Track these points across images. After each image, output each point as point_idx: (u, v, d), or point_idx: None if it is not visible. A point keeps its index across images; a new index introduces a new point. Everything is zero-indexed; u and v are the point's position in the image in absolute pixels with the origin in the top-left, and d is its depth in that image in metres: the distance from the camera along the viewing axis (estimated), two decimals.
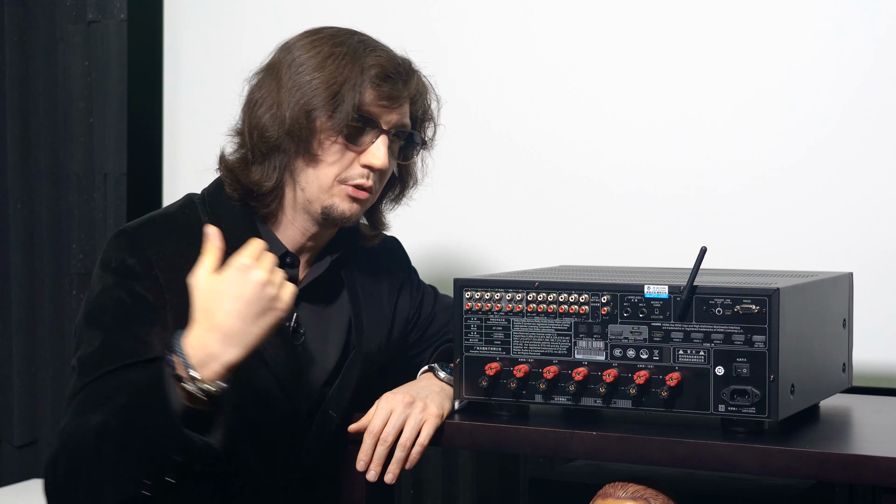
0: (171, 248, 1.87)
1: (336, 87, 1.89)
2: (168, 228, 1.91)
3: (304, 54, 1.92)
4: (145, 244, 1.86)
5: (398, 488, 2.84)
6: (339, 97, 1.88)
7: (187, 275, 1.81)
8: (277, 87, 1.92)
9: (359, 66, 1.90)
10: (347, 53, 1.92)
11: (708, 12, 2.45)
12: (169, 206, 1.99)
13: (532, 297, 1.89)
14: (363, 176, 1.93)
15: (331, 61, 1.91)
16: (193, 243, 1.86)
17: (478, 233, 2.64)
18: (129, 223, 1.92)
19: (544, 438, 1.85)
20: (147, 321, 1.81)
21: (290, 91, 1.90)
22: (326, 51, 1.92)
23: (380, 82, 1.91)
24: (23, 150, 3.39)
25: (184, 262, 1.85)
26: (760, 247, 2.39)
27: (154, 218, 1.94)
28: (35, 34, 3.36)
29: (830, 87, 2.36)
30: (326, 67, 1.90)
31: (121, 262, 1.84)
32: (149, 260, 1.84)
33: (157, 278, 1.83)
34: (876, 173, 2.32)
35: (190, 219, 1.93)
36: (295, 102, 1.89)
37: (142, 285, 1.82)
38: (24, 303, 3.41)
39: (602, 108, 2.53)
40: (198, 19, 2.93)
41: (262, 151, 1.92)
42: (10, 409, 3.43)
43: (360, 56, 1.92)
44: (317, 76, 1.90)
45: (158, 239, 1.88)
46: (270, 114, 1.91)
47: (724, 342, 1.78)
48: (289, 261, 1.97)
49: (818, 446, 1.73)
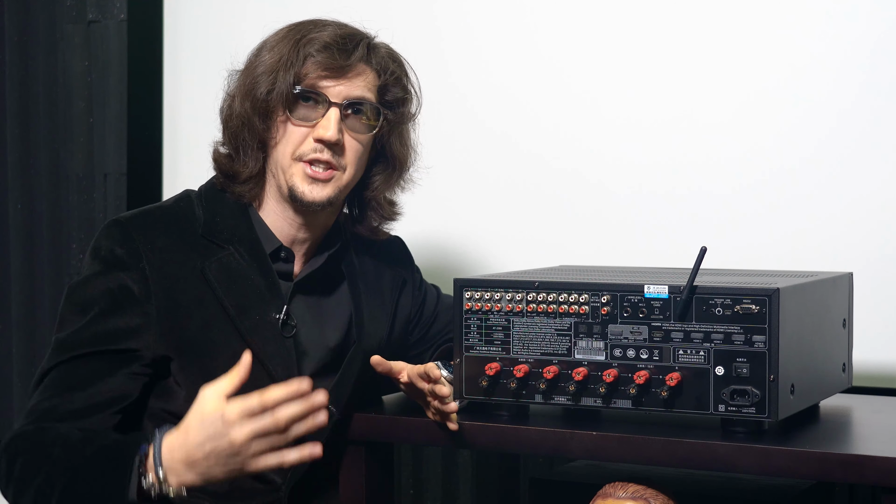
0: (162, 241, 1.90)
1: (277, 56, 1.94)
2: (161, 221, 1.93)
3: (265, 45, 1.98)
4: (136, 235, 1.88)
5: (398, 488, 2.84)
6: (276, 73, 1.92)
7: (176, 267, 1.84)
8: (240, 78, 1.98)
9: (302, 43, 1.93)
10: (295, 35, 1.95)
11: (708, 13, 2.45)
12: (165, 201, 2.02)
13: (532, 297, 1.89)
14: (315, 150, 1.94)
15: (279, 44, 1.95)
16: (184, 236, 1.90)
17: (478, 233, 2.64)
18: (124, 213, 1.95)
19: (544, 438, 1.85)
20: (128, 312, 1.84)
21: (243, 79, 1.96)
22: (281, 36, 1.97)
23: (318, 54, 1.93)
24: (23, 150, 3.38)
25: (173, 254, 1.88)
26: (760, 247, 2.39)
27: (149, 210, 1.97)
28: (35, 34, 3.36)
29: (831, 87, 2.35)
30: (273, 49, 1.95)
31: (110, 252, 1.87)
32: (137, 251, 1.87)
33: (143, 270, 1.86)
34: (876, 173, 2.32)
35: (184, 212, 1.96)
36: (245, 88, 1.95)
37: (128, 276, 1.85)
38: (24, 303, 3.40)
39: (602, 108, 2.53)
40: (198, 19, 2.93)
41: (232, 141, 1.97)
42: (10, 410, 3.43)
43: (305, 34, 1.95)
44: (264, 59, 1.95)
45: (150, 231, 1.90)
46: (229, 103, 1.97)
47: (724, 342, 1.78)
48: (283, 255, 1.98)
49: (818, 446, 1.73)
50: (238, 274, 1.91)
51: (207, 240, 1.92)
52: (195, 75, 2.93)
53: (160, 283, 1.86)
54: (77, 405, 1.79)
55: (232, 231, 1.93)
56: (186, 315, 1.87)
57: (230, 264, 1.91)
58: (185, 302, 1.87)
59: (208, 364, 1.86)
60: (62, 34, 3.33)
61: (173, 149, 2.97)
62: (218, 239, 1.93)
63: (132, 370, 1.84)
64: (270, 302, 1.92)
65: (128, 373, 1.83)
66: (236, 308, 1.89)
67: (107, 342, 1.82)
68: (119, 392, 1.83)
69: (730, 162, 2.43)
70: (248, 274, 1.92)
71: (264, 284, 1.92)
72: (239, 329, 1.89)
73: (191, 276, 1.89)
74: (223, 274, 1.90)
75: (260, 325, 1.90)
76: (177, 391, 1.88)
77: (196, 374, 1.86)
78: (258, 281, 1.92)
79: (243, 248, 1.93)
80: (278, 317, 1.93)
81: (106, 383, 1.82)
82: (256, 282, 1.92)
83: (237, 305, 1.89)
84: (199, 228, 1.93)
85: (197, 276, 1.89)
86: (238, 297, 1.90)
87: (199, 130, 2.89)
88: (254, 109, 1.94)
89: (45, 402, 1.80)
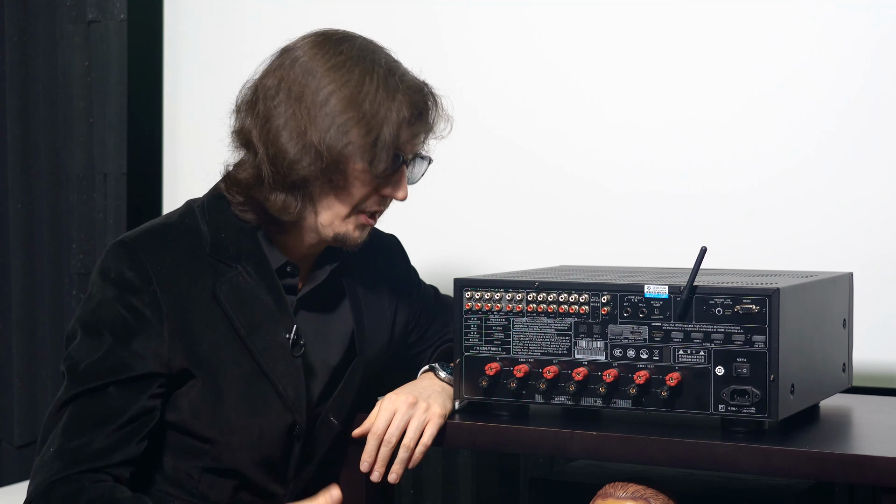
0: (170, 259, 1.86)
1: (375, 133, 1.84)
2: (168, 238, 1.90)
3: (330, 83, 1.85)
4: (144, 257, 1.85)
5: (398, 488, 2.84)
6: (380, 143, 1.84)
7: (186, 287, 1.82)
8: (306, 116, 1.84)
9: (394, 105, 1.85)
10: (379, 87, 1.86)
11: (708, 14, 2.45)
12: (169, 215, 1.97)
13: (532, 297, 1.89)
14: (380, 204, 1.93)
15: (363, 97, 1.84)
16: (192, 255, 1.86)
17: (478, 233, 2.64)
18: (129, 233, 1.91)
19: (544, 438, 1.85)
20: (143, 335, 1.82)
21: (322, 127, 1.83)
22: (355, 80, 1.85)
23: (414, 121, 1.88)
24: (23, 150, 3.38)
25: (183, 273, 1.85)
26: (760, 247, 2.39)
27: (154, 227, 1.92)
28: (35, 34, 3.36)
29: (831, 87, 2.36)
30: (361, 105, 1.84)
31: (119, 275, 1.84)
32: (147, 273, 1.84)
33: (155, 293, 1.83)
34: (876, 173, 2.32)
35: (189, 228, 1.91)
36: (332, 140, 1.83)
37: (140, 300, 1.83)
38: (24, 303, 3.40)
39: (602, 108, 2.53)
40: (198, 19, 2.93)
41: (288, 181, 1.86)
42: (10, 409, 3.43)
43: (391, 90, 1.86)
44: (351, 115, 1.84)
45: (157, 250, 1.87)
46: (301, 146, 1.84)
47: (724, 342, 1.78)
48: (289, 270, 1.96)
49: (818, 446, 1.73)
50: (248, 294, 1.89)
51: (215, 258, 1.89)
52: (195, 75, 2.93)
53: (172, 304, 1.84)
54: (105, 442, 1.79)
55: (238, 248, 1.90)
56: (199, 334, 1.85)
57: (240, 284, 1.89)
58: (196, 322, 1.85)
59: (217, 382, 1.86)
60: (62, 34, 3.33)
61: (173, 149, 2.97)
62: (225, 257, 1.89)
63: (152, 391, 1.83)
64: (280, 321, 1.91)
65: (149, 395, 1.83)
66: (247, 328, 1.88)
67: (126, 370, 1.81)
68: (144, 417, 1.82)
69: (730, 162, 2.43)
70: (258, 293, 1.90)
71: (273, 304, 1.91)
72: (249, 349, 1.87)
73: (201, 295, 1.86)
74: (233, 294, 1.88)
75: (271, 345, 1.89)
76: (181, 404, 1.87)
77: (203, 390, 1.85)
78: (267, 300, 1.90)
79: (251, 267, 1.90)
80: (288, 336, 1.92)
81: (130, 412, 1.81)
82: (266, 301, 1.90)
83: (248, 325, 1.88)
84: (207, 247, 1.89)
85: (208, 297, 1.86)
86: (249, 316, 1.88)
87: (199, 130, 2.91)
88: (344, 165, 1.85)
89: (73, 441, 1.78)
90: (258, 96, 1.89)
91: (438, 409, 1.91)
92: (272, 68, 1.90)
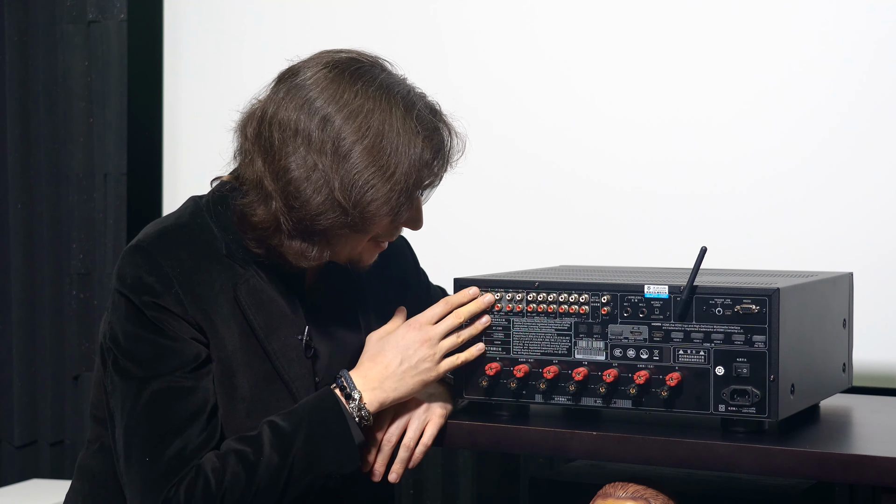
0: (188, 261, 1.84)
1: (400, 185, 1.80)
2: (183, 240, 1.87)
3: (351, 133, 1.79)
4: (162, 260, 1.82)
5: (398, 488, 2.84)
6: (404, 194, 1.82)
7: (206, 287, 1.81)
8: (329, 170, 1.78)
9: (415, 152, 1.81)
10: (399, 133, 1.81)
11: (708, 13, 2.45)
12: (179, 214, 1.93)
13: (532, 297, 1.89)
14: (395, 235, 1.92)
15: (385, 145, 1.79)
16: (209, 255, 1.85)
17: (478, 233, 2.64)
18: (142, 237, 1.87)
19: (544, 438, 1.85)
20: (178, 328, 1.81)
21: (347, 183, 1.78)
22: (375, 128, 1.79)
23: (433, 162, 1.85)
24: (23, 150, 3.39)
25: (201, 274, 1.83)
26: (760, 247, 2.40)
27: (167, 229, 1.88)
28: (35, 34, 3.36)
29: (831, 87, 2.36)
30: (382, 156, 1.79)
31: (138, 280, 1.82)
32: (167, 276, 1.82)
33: (178, 295, 1.81)
34: (876, 173, 2.32)
35: (202, 228, 1.89)
36: (357, 197, 1.79)
37: (164, 301, 1.81)
38: (24, 303, 3.41)
39: (602, 108, 2.53)
40: (198, 19, 2.93)
41: (310, 230, 1.82)
42: (10, 409, 3.43)
43: (411, 134, 1.82)
44: (374, 170, 1.79)
45: (174, 252, 1.84)
46: (323, 200, 1.79)
47: (724, 342, 1.78)
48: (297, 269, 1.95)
49: (818, 446, 1.73)
50: (264, 296, 1.88)
51: (231, 260, 1.87)
52: (195, 75, 2.93)
53: (195, 304, 1.82)
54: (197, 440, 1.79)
55: (246, 251, 1.90)
56: (222, 335, 1.85)
57: (255, 286, 1.88)
58: (218, 322, 1.84)
59: (233, 383, 1.85)
60: (62, 34, 3.33)
61: (173, 149, 2.97)
62: (238, 260, 1.89)
63: (206, 371, 1.83)
64: (294, 323, 1.90)
65: (207, 380, 1.83)
66: (265, 330, 1.87)
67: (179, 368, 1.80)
68: (210, 405, 1.82)
69: (730, 162, 2.43)
70: (272, 295, 1.90)
71: (287, 305, 1.91)
72: (266, 350, 1.87)
73: (221, 296, 1.85)
74: (252, 296, 1.87)
75: (286, 346, 1.89)
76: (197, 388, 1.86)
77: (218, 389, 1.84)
78: (281, 302, 1.90)
79: (262, 269, 1.91)
80: (301, 338, 1.91)
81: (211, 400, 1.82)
82: (279, 303, 1.90)
83: (265, 327, 1.87)
84: (223, 248, 1.87)
85: (230, 298, 1.85)
86: (266, 318, 1.88)
87: (199, 130, 2.91)
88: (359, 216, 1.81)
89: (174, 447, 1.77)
90: (267, 132, 1.82)
91: (439, 409, 1.91)
92: (279, 98, 1.82)
